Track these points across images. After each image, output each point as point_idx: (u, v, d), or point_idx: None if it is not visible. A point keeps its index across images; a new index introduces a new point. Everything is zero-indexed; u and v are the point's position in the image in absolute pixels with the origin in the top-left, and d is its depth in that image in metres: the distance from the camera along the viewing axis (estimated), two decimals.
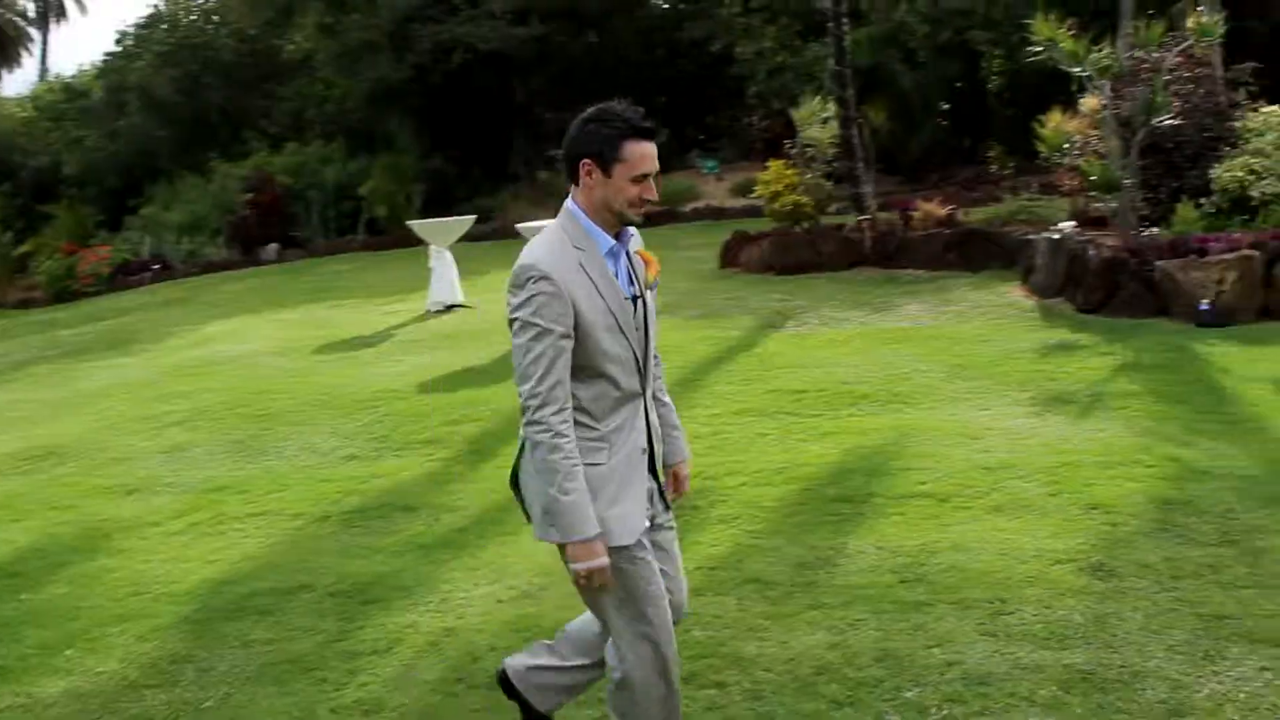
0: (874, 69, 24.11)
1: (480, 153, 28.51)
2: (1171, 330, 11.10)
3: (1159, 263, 11.76)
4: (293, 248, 26.74)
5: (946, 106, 27.69)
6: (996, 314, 12.46)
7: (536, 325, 3.26)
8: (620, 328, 3.41)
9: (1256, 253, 11.41)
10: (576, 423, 3.36)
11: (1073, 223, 13.78)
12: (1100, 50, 12.67)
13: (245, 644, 5.22)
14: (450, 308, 15.45)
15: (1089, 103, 14.75)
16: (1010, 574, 5.25)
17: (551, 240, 3.39)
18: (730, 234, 18.12)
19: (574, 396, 3.36)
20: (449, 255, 15.69)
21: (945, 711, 4.07)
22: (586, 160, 3.37)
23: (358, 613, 5.44)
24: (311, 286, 20.43)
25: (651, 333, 3.57)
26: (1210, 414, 8.02)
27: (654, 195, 3.39)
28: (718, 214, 26.33)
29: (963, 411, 8.42)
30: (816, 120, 17.18)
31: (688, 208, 27.22)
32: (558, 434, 3.28)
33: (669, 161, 29.99)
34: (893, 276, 15.42)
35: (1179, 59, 13.44)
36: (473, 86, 27.20)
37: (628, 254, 3.52)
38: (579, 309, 3.30)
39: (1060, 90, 26.13)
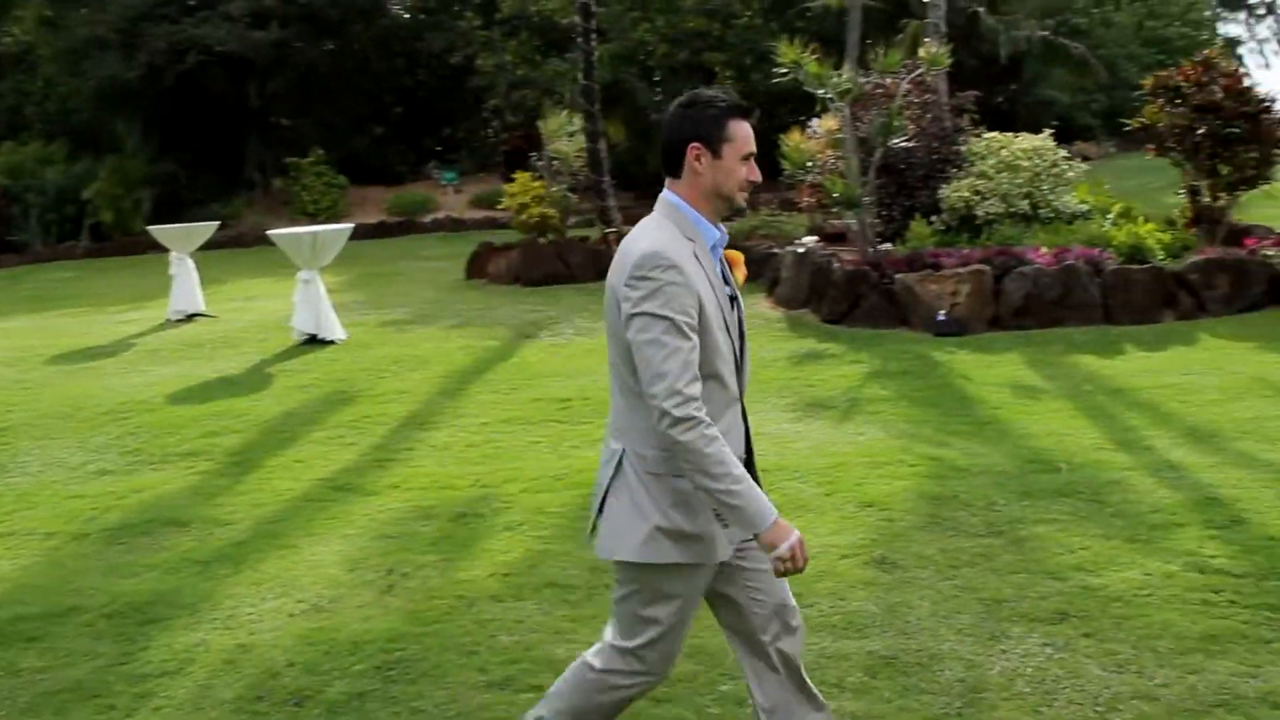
0: (613, 85, 24.49)
1: (213, 158, 27.53)
2: (912, 339, 11.69)
3: (898, 276, 12.37)
4: (8, 253, 25.10)
5: None
6: (746, 324, 12.79)
7: (667, 318, 2.99)
8: (726, 326, 3.20)
9: (987, 267, 12.17)
10: None
11: (815, 237, 14.33)
12: (841, 75, 13.24)
13: (13, 673, 4.82)
14: (192, 316, 14.80)
15: (827, 123, 15.40)
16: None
17: (661, 230, 3.15)
18: (476, 245, 18.06)
19: None
20: (190, 262, 15.03)
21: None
22: (695, 144, 3.17)
23: (138, 634, 5.12)
24: (34, 294, 19.23)
25: (744, 333, 3.37)
26: (959, 416, 8.48)
27: (758, 176, 3.23)
28: (457, 225, 26.21)
29: None
30: (564, 134, 17.32)
31: (426, 219, 27.00)
32: (708, 424, 2.99)
33: (406, 173, 29.76)
34: None
35: (910, 86, 14.17)
36: (207, 89, 26.25)
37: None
38: (701, 302, 3.07)
39: (790, 111, 27.25)
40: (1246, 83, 13.54)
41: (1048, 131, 14.95)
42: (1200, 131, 13.05)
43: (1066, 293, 12.02)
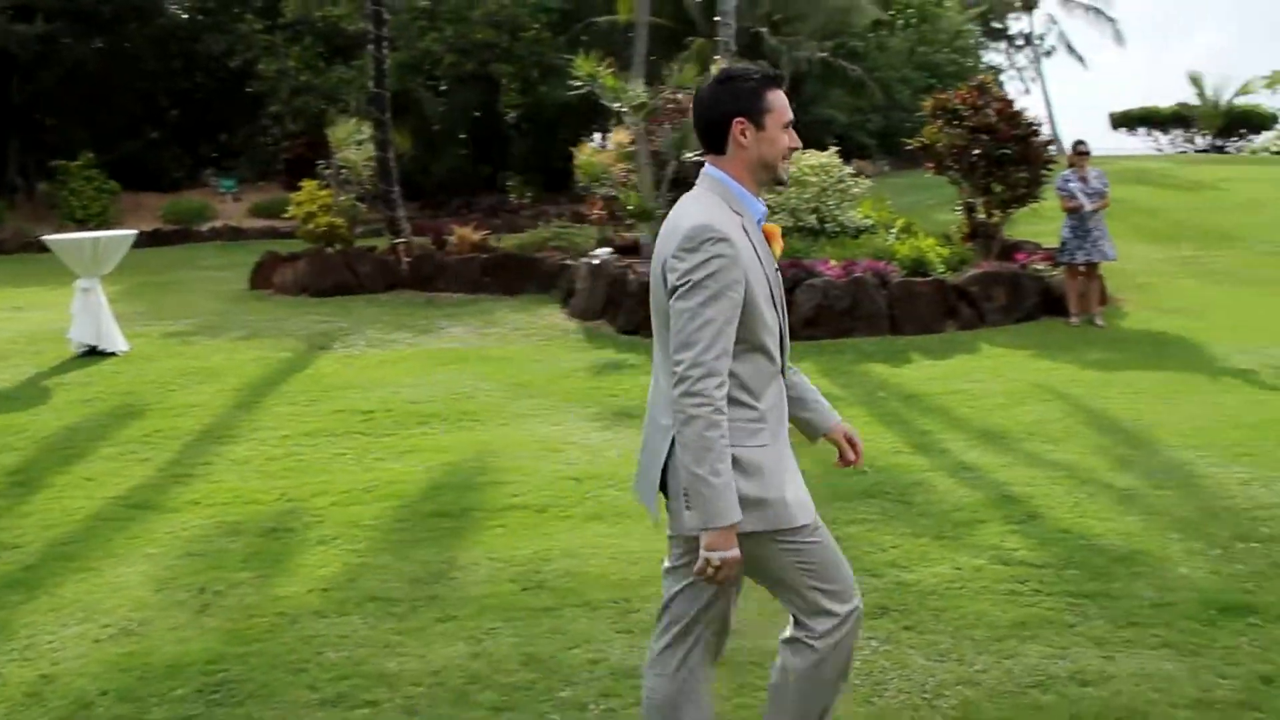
0: (400, 95, 24.20)
1: None
2: None
3: None
4: None
5: (464, 136, 28.26)
6: (542, 335, 12.85)
7: (709, 289, 2.98)
8: (773, 299, 3.19)
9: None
10: (737, 401, 3.08)
11: (609, 249, 14.46)
12: (638, 89, 13.43)
13: None
14: None
15: (618, 136, 15.57)
16: (625, 575, 5.46)
17: (710, 203, 3.13)
18: (261, 255, 17.57)
19: (732, 374, 3.05)
20: None
21: (604, 705, 4.17)
22: (739, 119, 3.15)
23: None
24: None
25: (785, 307, 3.32)
26: None
27: (799, 144, 3.18)
28: (236, 235, 25.46)
29: (535, 427, 8.63)
30: (352, 142, 17.02)
31: (204, 228, 26.11)
32: (718, 409, 2.98)
33: (183, 179, 28.61)
34: (432, 300, 15.56)
35: None
36: None
37: None
38: (748, 275, 3.05)
39: (574, 124, 27.48)
40: (1017, 107, 14.33)
41: (833, 149, 15.48)
42: (976, 152, 13.72)
43: (855, 304, 12.46)
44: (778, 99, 3.20)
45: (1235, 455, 7.34)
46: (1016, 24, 48.41)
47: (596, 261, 13.71)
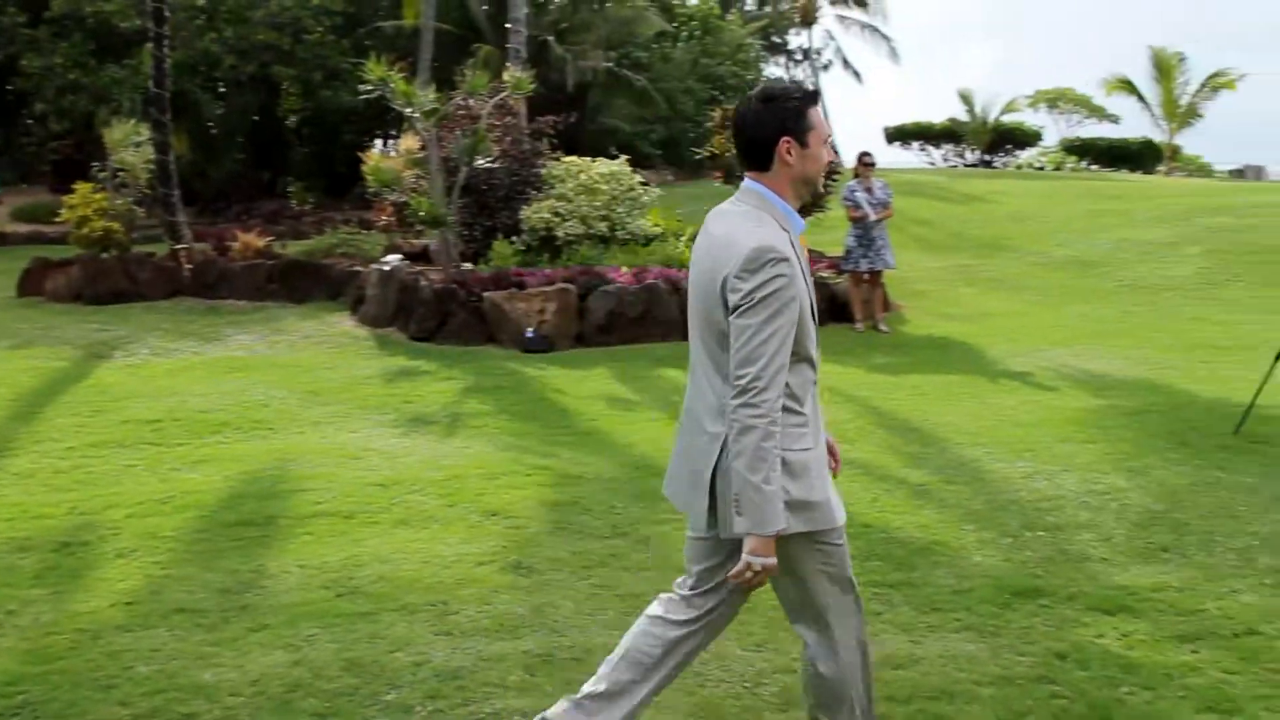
0: (177, 96, 23.40)
1: None
2: (502, 356, 11.97)
3: (486, 294, 12.61)
4: None
5: (242, 140, 27.54)
6: (332, 343, 12.67)
7: (772, 307, 3.12)
8: (813, 311, 3.34)
9: (572, 286, 12.63)
10: (786, 408, 3.21)
11: (400, 255, 14.34)
12: (430, 94, 13.35)
13: None
14: None
15: (407, 142, 15.46)
16: (440, 578, 5.46)
17: (762, 223, 3.25)
18: (28, 261, 16.74)
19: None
20: None
21: (430, 708, 4.18)
22: (786, 138, 3.28)
23: None
24: None
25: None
26: (561, 428, 8.79)
27: (836, 156, 3.24)
28: None
29: (332, 435, 8.53)
30: (129, 144, 16.38)
31: None
32: (774, 421, 3.13)
33: None
34: (215, 307, 15.12)
35: (492, 108, 14.49)
36: None
37: None
38: (799, 292, 3.20)
39: (360, 129, 27.09)
40: None
41: (623, 158, 15.72)
42: None
43: (648, 310, 12.69)
44: (817, 116, 3.35)
45: (1018, 452, 7.81)
46: (796, 39, 50.06)
47: (387, 268, 13.58)
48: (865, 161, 13.76)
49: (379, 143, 28.51)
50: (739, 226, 3.28)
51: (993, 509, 6.53)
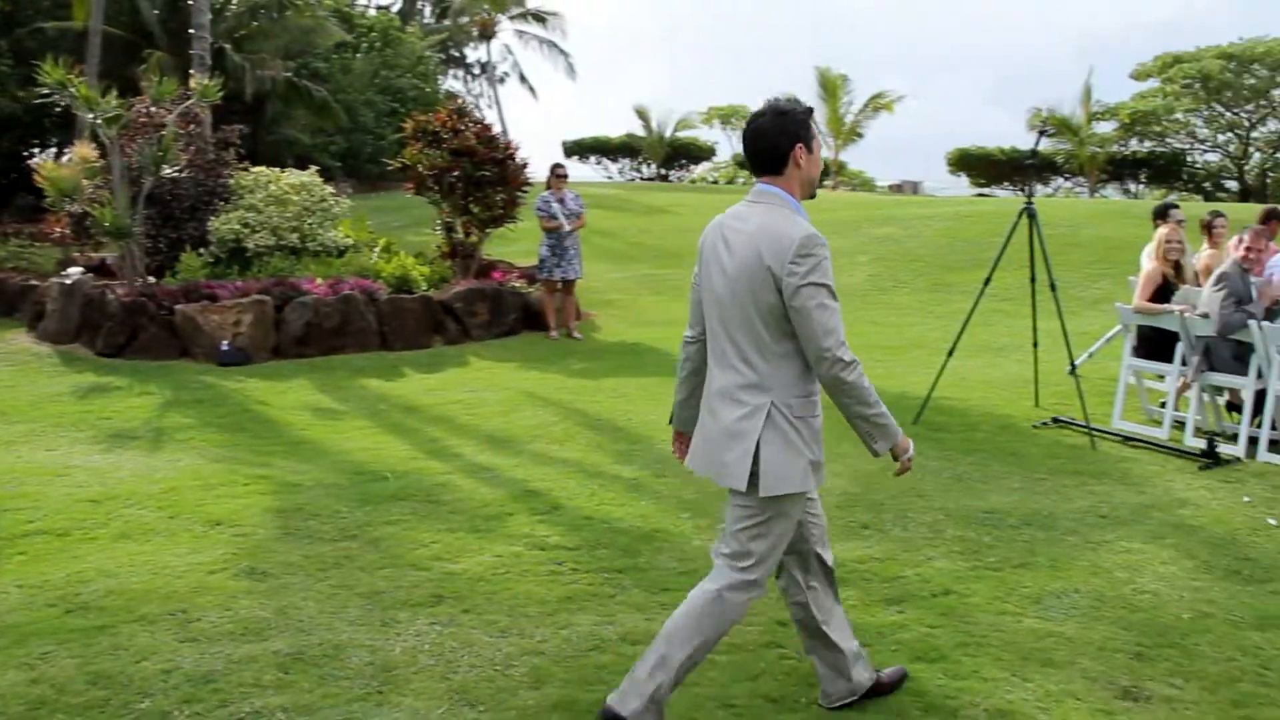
0: None
1: None
2: (197, 370, 11.70)
3: (178, 307, 12.28)
4: None
5: None
6: (11, 361, 12.05)
7: (828, 286, 3.69)
8: None
9: (267, 298, 12.47)
10: (807, 380, 3.83)
11: (80, 269, 13.75)
12: (112, 100, 12.86)
13: None
14: None
15: (82, 150, 14.83)
16: (174, 588, 5.43)
17: (797, 214, 3.80)
18: None
19: (802, 358, 3.80)
20: None
21: (188, 711, 4.18)
22: (799, 145, 3.85)
23: None
24: None
25: None
26: (270, 439, 8.75)
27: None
28: None
29: (28, 454, 8.21)
30: None
31: None
32: (857, 364, 3.73)
33: None
34: None
35: (176, 117, 14.08)
36: None
37: None
38: None
39: (17, 138, 25.49)
40: (495, 130, 15.10)
41: (313, 169, 15.58)
42: (456, 174, 14.31)
43: (345, 321, 12.68)
44: (815, 126, 3.97)
45: None
46: (474, 53, 50.30)
47: (69, 281, 12.99)
48: (559, 173, 14.20)
49: (47, 151, 26.93)
50: (777, 220, 3.80)
51: (705, 498, 7.00)
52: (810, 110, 3.94)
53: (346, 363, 12.23)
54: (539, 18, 48.79)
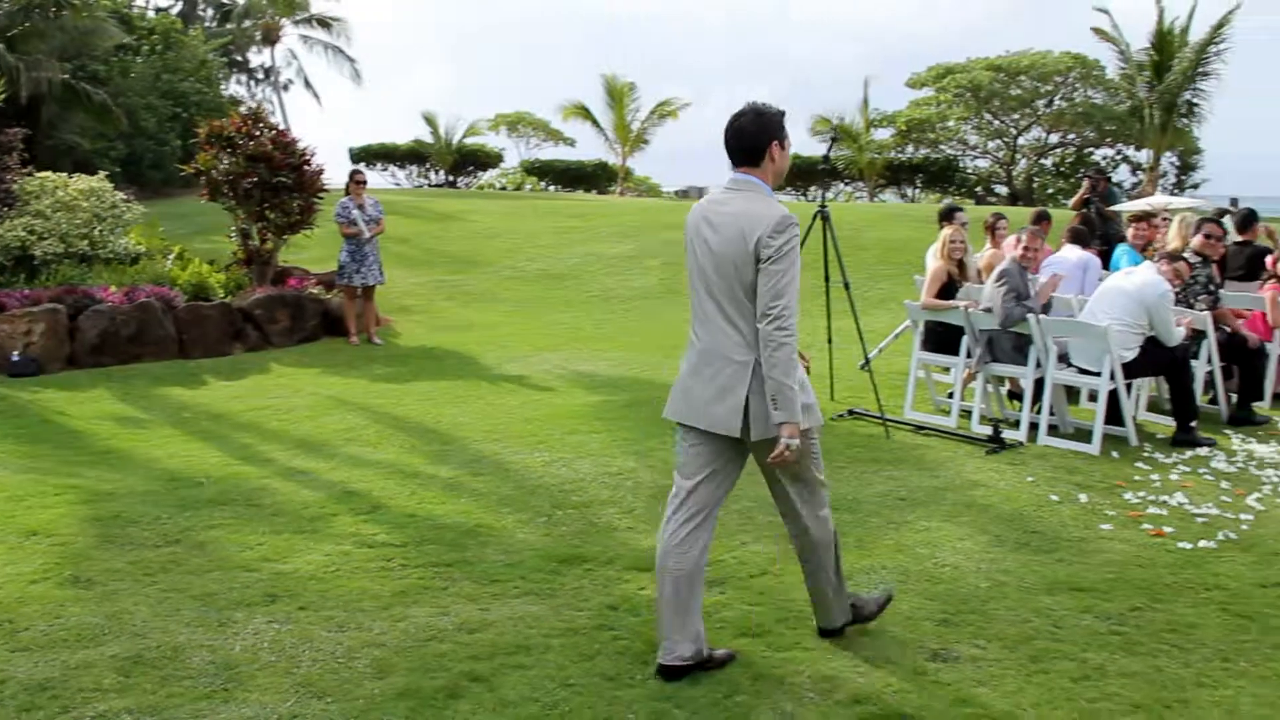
0: None
1: None
2: None
3: None
4: None
5: None
6: None
7: (793, 257, 4.24)
8: None
9: (60, 306, 12.08)
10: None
11: None
12: None
13: None
14: None
15: None
16: None
17: (770, 199, 4.34)
18: None
19: None
20: None
21: (26, 718, 4.17)
22: (775, 142, 4.41)
23: None
24: None
25: None
26: (75, 449, 8.55)
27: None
28: None
29: None
30: None
31: None
32: (795, 338, 4.24)
33: None
34: None
35: None
36: None
37: None
38: None
39: None
40: (292, 136, 14.90)
41: (103, 174, 15.12)
42: (252, 180, 14.08)
43: (143, 329, 12.40)
44: (786, 127, 4.49)
45: (532, 445, 8.53)
46: (258, 57, 49.09)
47: None
48: (358, 179, 14.17)
49: None
50: (757, 203, 4.35)
51: (523, 493, 7.18)
52: (783, 113, 4.48)
53: (145, 371, 11.96)
54: (324, 23, 48.09)
